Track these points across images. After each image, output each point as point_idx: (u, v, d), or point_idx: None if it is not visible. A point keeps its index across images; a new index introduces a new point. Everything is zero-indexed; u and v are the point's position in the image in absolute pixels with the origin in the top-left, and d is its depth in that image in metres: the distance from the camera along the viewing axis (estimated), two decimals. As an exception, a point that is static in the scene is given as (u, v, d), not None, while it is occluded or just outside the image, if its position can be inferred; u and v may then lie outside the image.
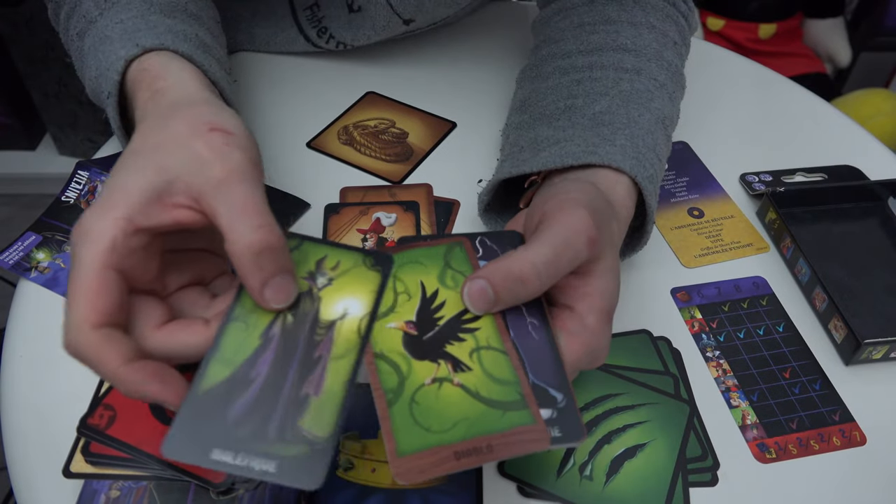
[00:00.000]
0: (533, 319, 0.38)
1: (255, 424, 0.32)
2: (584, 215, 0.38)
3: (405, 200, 0.56)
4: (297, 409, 0.33)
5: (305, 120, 0.64)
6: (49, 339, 0.47)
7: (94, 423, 0.40)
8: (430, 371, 0.35)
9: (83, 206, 0.53)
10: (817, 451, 0.44)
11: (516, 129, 0.53)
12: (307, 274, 0.38)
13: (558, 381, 0.36)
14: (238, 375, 0.33)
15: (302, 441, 0.32)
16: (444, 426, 0.33)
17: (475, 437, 0.33)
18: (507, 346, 0.37)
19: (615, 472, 0.42)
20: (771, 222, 0.57)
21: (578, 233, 0.37)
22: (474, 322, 0.37)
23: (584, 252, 0.37)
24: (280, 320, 0.36)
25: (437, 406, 0.34)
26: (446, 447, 0.33)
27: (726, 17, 1.47)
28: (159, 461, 0.39)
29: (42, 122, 1.62)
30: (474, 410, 0.34)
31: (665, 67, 0.52)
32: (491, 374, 0.35)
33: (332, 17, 0.66)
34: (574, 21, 0.56)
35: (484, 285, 0.36)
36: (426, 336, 0.36)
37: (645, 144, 0.47)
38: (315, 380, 0.34)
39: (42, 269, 0.50)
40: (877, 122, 1.39)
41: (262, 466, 0.31)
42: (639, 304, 0.51)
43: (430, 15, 0.66)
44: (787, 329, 0.51)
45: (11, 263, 0.50)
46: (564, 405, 0.35)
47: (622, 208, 0.44)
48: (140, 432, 0.40)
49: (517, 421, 0.34)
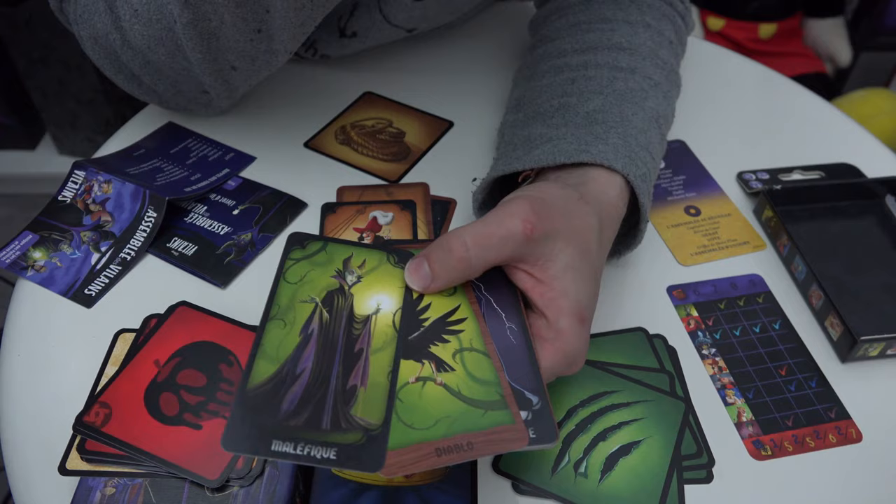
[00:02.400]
0: (511, 324, 0.39)
1: (310, 415, 0.34)
2: (523, 202, 0.39)
3: (402, 199, 0.56)
4: (347, 400, 0.35)
5: (303, 120, 0.64)
6: (47, 338, 0.47)
7: (90, 421, 0.40)
8: (415, 370, 0.36)
9: (79, 206, 0.54)
10: (813, 449, 0.44)
11: (511, 128, 0.53)
12: (336, 272, 0.40)
13: (534, 384, 0.37)
14: (284, 370, 0.35)
15: (357, 428, 0.34)
16: (427, 423, 0.34)
17: (456, 434, 0.34)
18: (490, 348, 0.38)
19: (610, 470, 0.42)
20: (767, 220, 0.57)
21: (513, 214, 0.38)
22: (458, 325, 0.38)
23: (517, 231, 0.38)
24: (317, 316, 0.38)
25: (421, 404, 0.35)
26: (428, 444, 0.34)
27: (726, 17, 1.46)
28: (155, 458, 0.39)
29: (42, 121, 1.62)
30: (456, 409, 0.35)
31: (660, 66, 0.52)
32: (473, 375, 0.37)
33: (326, 41, 0.66)
34: (570, 20, 0.56)
35: (419, 260, 0.39)
36: (412, 336, 0.38)
37: (638, 143, 0.47)
38: (360, 372, 0.36)
39: (38, 268, 0.50)
40: (877, 122, 1.39)
41: (323, 454, 0.32)
42: (635, 301, 0.51)
43: (432, 22, 0.66)
44: (783, 326, 0.51)
45: (8, 262, 0.50)
46: (539, 408, 0.36)
47: (611, 207, 0.44)
48: (136, 429, 0.40)
49: (497, 420, 0.35)
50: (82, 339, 0.47)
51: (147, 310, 0.48)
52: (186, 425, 0.40)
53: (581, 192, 0.43)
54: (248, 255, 0.52)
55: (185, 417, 0.41)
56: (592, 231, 0.41)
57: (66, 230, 0.52)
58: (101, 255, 0.51)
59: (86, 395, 0.43)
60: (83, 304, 0.49)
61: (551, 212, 0.39)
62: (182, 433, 0.40)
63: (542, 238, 0.38)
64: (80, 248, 0.51)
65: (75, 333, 0.47)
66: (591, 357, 0.47)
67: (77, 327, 0.48)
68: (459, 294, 0.40)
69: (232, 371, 0.43)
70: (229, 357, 0.44)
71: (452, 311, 0.39)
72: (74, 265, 0.51)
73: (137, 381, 0.42)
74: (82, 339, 0.47)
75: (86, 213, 0.53)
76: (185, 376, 0.43)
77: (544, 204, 0.39)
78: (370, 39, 0.65)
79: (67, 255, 0.51)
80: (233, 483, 0.39)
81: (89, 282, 0.50)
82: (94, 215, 0.53)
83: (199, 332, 0.45)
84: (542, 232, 0.38)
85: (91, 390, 0.44)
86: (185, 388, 0.42)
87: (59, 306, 0.49)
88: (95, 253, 0.51)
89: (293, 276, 0.39)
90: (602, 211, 0.43)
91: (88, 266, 0.51)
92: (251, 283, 0.51)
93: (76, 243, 0.52)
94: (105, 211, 0.53)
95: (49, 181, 1.61)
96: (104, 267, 0.51)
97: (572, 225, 0.40)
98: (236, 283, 0.51)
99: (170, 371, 0.43)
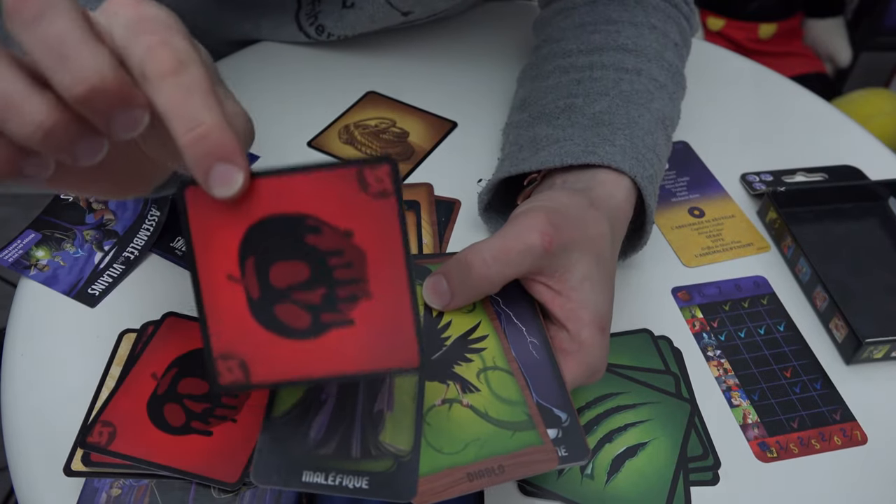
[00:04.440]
0: (533, 339, 0.38)
1: (339, 443, 0.33)
2: (539, 214, 0.38)
3: (406, 200, 0.56)
4: (374, 426, 0.34)
5: (306, 119, 0.64)
6: (50, 337, 0.47)
7: (95, 442, 0.39)
8: (440, 392, 0.36)
9: (82, 205, 0.53)
10: (818, 451, 0.44)
11: (516, 128, 0.53)
12: None
13: (561, 400, 0.36)
14: (309, 397, 0.34)
15: (388, 455, 0.32)
16: (456, 447, 0.34)
17: (487, 458, 0.33)
18: (513, 366, 0.37)
19: (616, 471, 0.42)
20: (772, 222, 0.57)
21: (530, 228, 0.38)
22: (480, 342, 0.38)
23: (536, 244, 0.37)
24: None
25: (449, 427, 0.34)
26: (459, 468, 0.33)
27: (726, 17, 1.46)
28: (169, 469, 0.39)
29: (42, 120, 1.61)
30: (484, 431, 0.34)
31: (666, 68, 0.52)
32: (498, 395, 0.36)
33: (327, 12, 0.66)
34: (575, 21, 0.56)
35: (437, 278, 0.38)
36: (434, 357, 0.37)
37: (645, 145, 0.47)
38: (385, 396, 0.35)
39: (41, 267, 0.50)
40: (877, 122, 1.39)
41: (354, 484, 0.32)
42: (640, 303, 0.51)
43: (428, 6, 0.66)
44: (787, 328, 0.51)
45: (11, 261, 0.50)
46: (569, 424, 0.35)
47: (619, 211, 0.44)
48: (144, 444, 0.40)
49: (526, 441, 0.34)
50: (86, 338, 0.47)
51: (150, 309, 0.47)
52: (196, 433, 0.40)
53: (590, 197, 0.43)
54: (252, 255, 0.52)
55: (194, 425, 0.41)
56: (606, 238, 0.41)
57: (69, 229, 0.52)
58: (105, 255, 0.51)
59: (90, 396, 0.43)
60: (86, 304, 0.49)
61: (567, 223, 0.39)
62: (193, 441, 0.40)
63: (560, 250, 0.38)
64: (84, 247, 0.51)
65: (78, 333, 0.47)
66: (597, 358, 0.47)
67: (80, 327, 0.48)
68: (479, 310, 0.39)
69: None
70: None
71: (473, 329, 0.38)
72: (77, 264, 0.50)
73: (137, 396, 0.42)
74: (86, 338, 0.47)
75: (88, 211, 0.53)
76: (186, 385, 0.42)
77: (559, 215, 0.39)
78: (366, 14, 0.64)
79: (70, 253, 0.51)
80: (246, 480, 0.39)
81: (92, 281, 0.50)
82: (97, 213, 0.53)
83: (192, 340, 0.45)
84: (560, 244, 0.38)
85: (93, 396, 0.43)
86: (189, 397, 0.42)
87: (62, 305, 0.49)
88: (99, 252, 0.51)
89: None
90: (612, 215, 0.43)
91: (92, 265, 0.50)
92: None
93: (79, 242, 0.51)
94: (108, 209, 0.53)
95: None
96: (107, 266, 0.50)
97: (587, 234, 0.40)
98: (240, 283, 0.51)
99: (169, 382, 0.42)
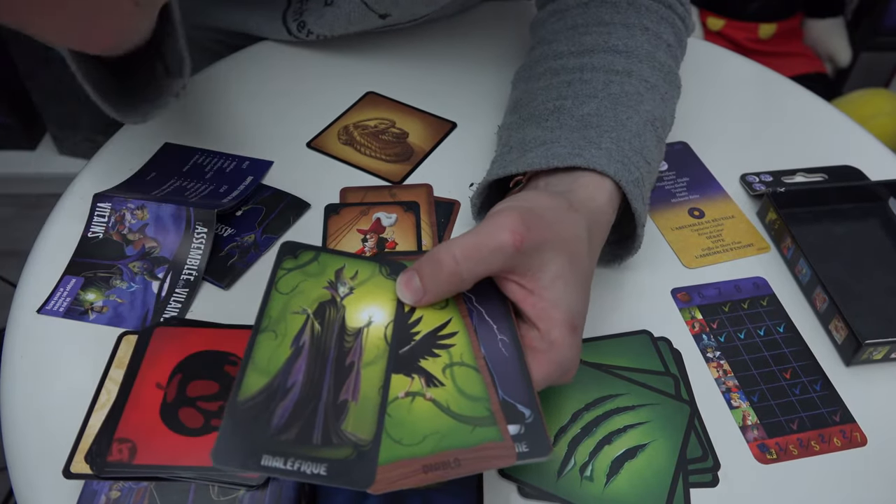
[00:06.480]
0: (503, 336, 0.39)
1: (300, 430, 0.33)
2: (513, 214, 0.39)
3: (405, 201, 0.56)
4: (337, 415, 0.34)
5: (305, 120, 0.64)
6: (49, 339, 0.47)
7: (116, 460, 0.39)
8: (405, 385, 0.36)
9: (116, 238, 0.51)
10: (818, 452, 0.44)
11: (507, 130, 0.53)
12: (328, 283, 0.39)
13: (526, 397, 0.36)
14: (275, 383, 0.35)
15: (348, 443, 0.33)
16: (415, 439, 0.34)
17: (444, 451, 0.34)
18: (480, 362, 0.38)
19: (616, 473, 0.42)
20: (771, 223, 0.57)
21: (502, 227, 0.38)
22: (449, 339, 0.38)
23: (506, 243, 0.37)
24: (308, 328, 0.37)
25: (409, 419, 0.35)
26: (416, 460, 0.33)
27: (726, 17, 1.46)
28: (199, 469, 0.39)
29: (42, 121, 1.61)
30: (444, 425, 0.35)
31: (657, 69, 0.52)
32: (462, 390, 0.36)
33: (311, 10, 0.66)
34: (568, 23, 0.56)
35: (410, 274, 0.38)
36: (402, 350, 0.37)
37: (632, 147, 0.47)
38: (351, 386, 0.35)
39: (99, 309, 0.48)
40: (877, 122, 1.39)
41: (312, 470, 0.32)
42: (639, 304, 0.51)
43: (407, 11, 0.65)
44: (787, 329, 0.51)
45: (63, 311, 0.48)
46: (532, 421, 0.36)
47: (600, 213, 0.44)
48: (168, 451, 0.40)
49: (486, 437, 0.35)
50: (85, 340, 0.47)
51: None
52: (216, 430, 0.40)
53: (569, 199, 0.43)
54: (252, 256, 0.52)
55: (213, 424, 0.41)
56: (581, 240, 0.41)
57: (111, 265, 0.50)
58: (161, 282, 0.49)
59: (89, 397, 0.43)
60: None
61: (540, 222, 0.39)
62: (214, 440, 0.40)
63: (531, 249, 0.38)
64: (135, 280, 0.49)
65: (78, 335, 0.47)
66: (596, 360, 0.47)
67: (80, 328, 0.48)
68: (451, 307, 0.40)
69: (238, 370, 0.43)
70: (230, 358, 0.44)
71: (444, 325, 0.39)
72: (137, 298, 0.49)
73: (148, 408, 0.42)
74: (85, 340, 0.47)
75: (125, 243, 0.51)
76: (195, 388, 0.43)
77: (533, 214, 0.39)
78: (343, 13, 0.64)
79: (124, 289, 0.49)
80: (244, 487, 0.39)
81: (161, 312, 0.48)
82: (136, 244, 0.51)
83: (188, 345, 0.45)
84: (532, 243, 0.38)
85: (92, 398, 0.43)
86: (201, 399, 0.42)
87: (62, 308, 0.49)
88: (153, 281, 0.49)
89: (285, 287, 0.39)
90: (591, 218, 0.43)
91: (152, 295, 0.49)
92: (254, 284, 0.51)
93: (128, 276, 0.50)
94: (147, 237, 0.51)
95: (49, 181, 1.60)
96: (170, 293, 0.49)
97: (561, 235, 0.40)
98: (240, 284, 0.51)
99: (177, 388, 0.43)
